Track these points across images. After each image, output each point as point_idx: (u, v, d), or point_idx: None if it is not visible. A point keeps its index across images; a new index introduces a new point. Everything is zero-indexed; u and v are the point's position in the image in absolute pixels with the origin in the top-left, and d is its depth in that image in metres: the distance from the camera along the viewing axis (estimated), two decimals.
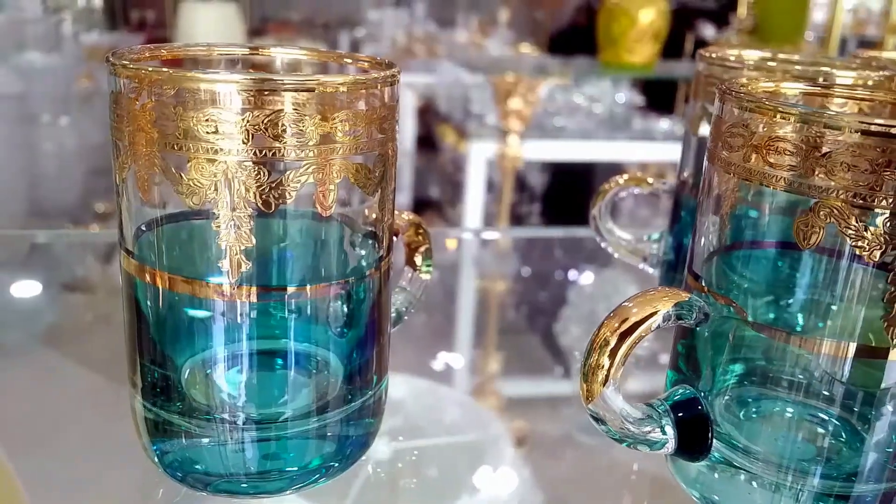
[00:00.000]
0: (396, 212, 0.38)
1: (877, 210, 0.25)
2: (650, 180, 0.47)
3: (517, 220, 2.48)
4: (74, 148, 2.29)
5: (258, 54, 0.35)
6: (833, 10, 2.46)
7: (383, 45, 3.05)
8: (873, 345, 0.27)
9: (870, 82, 0.42)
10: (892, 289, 0.26)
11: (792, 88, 0.32)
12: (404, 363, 0.43)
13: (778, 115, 0.27)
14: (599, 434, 0.30)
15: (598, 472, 0.38)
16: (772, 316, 0.30)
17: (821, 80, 0.41)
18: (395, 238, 0.35)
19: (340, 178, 0.27)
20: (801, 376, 0.30)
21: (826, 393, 0.30)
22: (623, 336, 0.28)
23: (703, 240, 0.31)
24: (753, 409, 0.32)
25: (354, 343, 0.32)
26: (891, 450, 0.31)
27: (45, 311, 0.51)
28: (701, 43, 3.06)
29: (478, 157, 2.17)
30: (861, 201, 0.25)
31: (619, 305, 0.29)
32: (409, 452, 0.37)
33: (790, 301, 0.30)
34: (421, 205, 2.61)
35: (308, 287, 0.30)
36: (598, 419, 0.29)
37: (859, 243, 0.26)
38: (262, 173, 0.26)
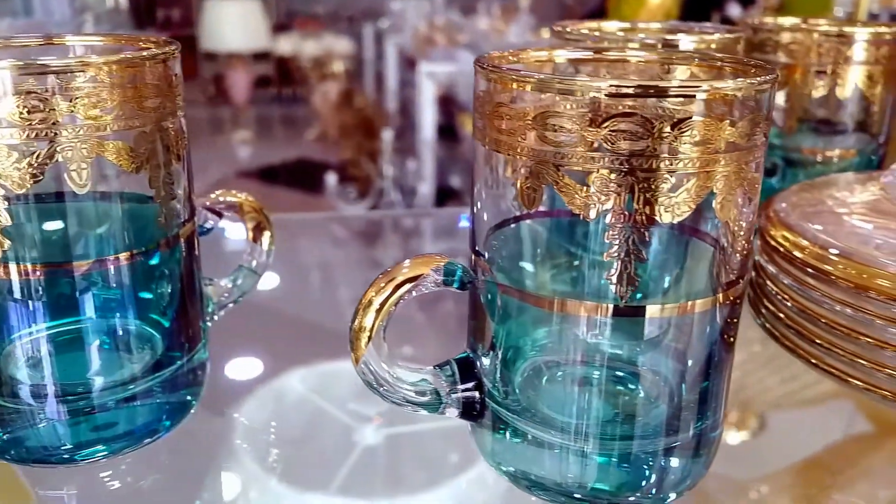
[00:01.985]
0: (232, 192, 0.39)
1: (575, 168, 0.26)
2: None
3: None
4: None
5: (52, 43, 0.36)
6: None
7: (406, 34, 3.06)
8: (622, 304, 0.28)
9: (713, 45, 0.41)
10: (610, 247, 0.26)
11: (565, 56, 0.32)
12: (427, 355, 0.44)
13: (515, 84, 0.27)
14: None
15: None
16: (529, 282, 0.31)
17: (659, 46, 0.41)
18: (209, 214, 0.36)
19: (92, 156, 0.29)
20: (568, 341, 0.30)
21: (595, 354, 0.30)
22: (384, 300, 0.29)
23: (475, 214, 0.31)
24: (533, 374, 0.32)
25: (159, 312, 0.34)
26: (661, 404, 0.32)
27: None
28: (727, 23, 3.01)
29: None
30: (562, 161, 0.26)
31: (383, 271, 0.30)
32: (397, 438, 0.38)
33: (549, 267, 0.31)
34: (443, 194, 2.62)
35: (93, 261, 0.31)
36: (368, 383, 0.30)
37: (575, 202, 0.26)
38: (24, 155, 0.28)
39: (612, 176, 0.26)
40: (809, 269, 0.37)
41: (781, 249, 0.38)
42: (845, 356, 0.36)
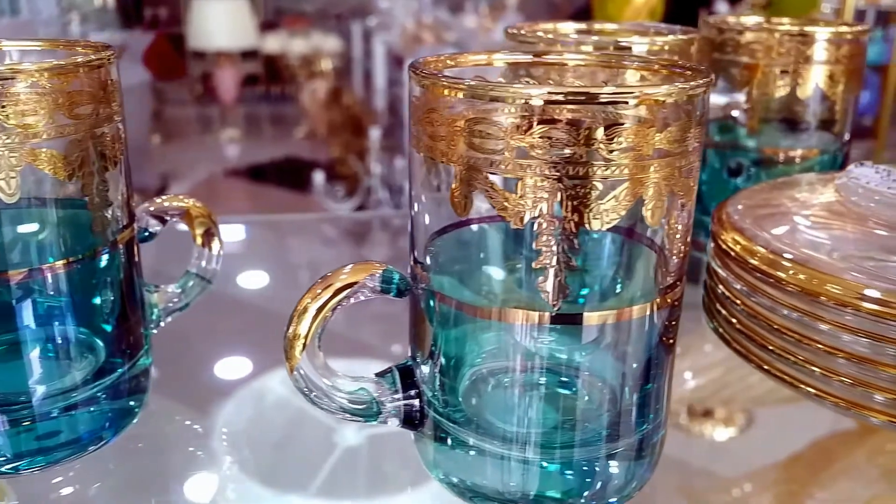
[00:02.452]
0: (180, 197, 0.38)
1: (505, 175, 0.25)
2: None
3: None
4: None
5: None
6: None
7: (394, 32, 3.06)
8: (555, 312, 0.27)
9: (666, 47, 0.41)
10: (540, 254, 0.26)
11: (503, 60, 0.32)
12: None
13: (446, 91, 0.26)
14: None
15: None
16: (466, 291, 0.30)
17: (611, 47, 0.40)
18: (151, 220, 0.36)
19: (22, 164, 0.28)
20: (507, 349, 0.30)
21: (535, 362, 0.30)
22: (319, 307, 0.29)
23: (413, 221, 0.31)
24: (473, 383, 0.32)
25: (99, 319, 0.33)
26: (603, 408, 0.31)
27: None
28: None
29: None
30: (491, 167, 0.26)
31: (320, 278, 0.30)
32: (379, 438, 0.38)
33: (486, 275, 0.30)
34: None
35: (28, 269, 0.31)
36: (302, 392, 0.30)
37: (504, 210, 0.26)
38: None
39: (541, 183, 0.25)
40: (760, 274, 0.36)
41: (732, 253, 0.38)
42: (797, 362, 0.36)
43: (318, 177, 2.51)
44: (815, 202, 0.42)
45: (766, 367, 0.37)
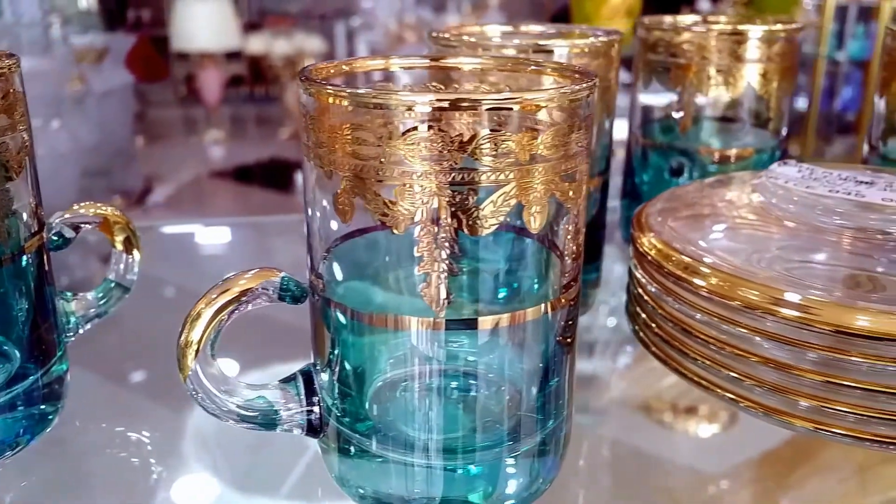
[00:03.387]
0: (98, 204, 0.39)
1: (385, 183, 0.26)
2: None
3: None
4: (67, 150, 2.33)
5: None
6: None
7: (377, 32, 3.06)
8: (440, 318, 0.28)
9: (585, 49, 0.41)
10: (421, 260, 0.26)
11: (398, 65, 0.32)
12: None
13: (331, 98, 0.27)
14: None
15: None
16: (360, 299, 0.30)
17: (530, 51, 0.40)
18: (64, 228, 0.36)
19: None
20: (403, 356, 0.30)
21: (431, 368, 0.30)
22: (213, 314, 0.29)
23: (308, 229, 0.31)
24: (371, 390, 0.32)
25: (9, 326, 0.34)
26: (503, 410, 0.31)
27: None
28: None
29: None
30: (374, 175, 0.26)
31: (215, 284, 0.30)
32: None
33: (379, 282, 0.30)
34: None
35: None
36: (196, 400, 0.30)
37: (385, 217, 0.26)
38: None
39: (421, 189, 0.25)
40: (674, 278, 0.37)
41: (649, 256, 0.38)
42: (712, 366, 0.36)
43: None
44: (735, 203, 0.42)
45: (682, 370, 0.37)
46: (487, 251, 0.29)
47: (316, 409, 0.31)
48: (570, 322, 0.31)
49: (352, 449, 0.31)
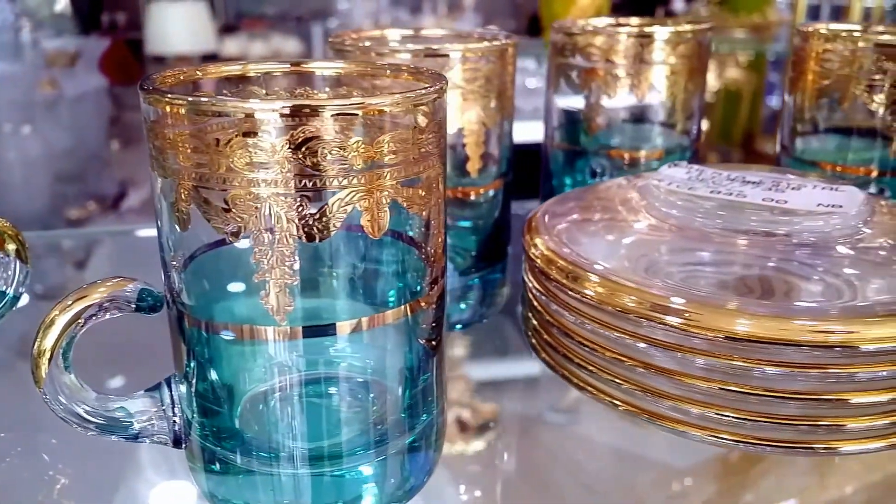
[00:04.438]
0: None
1: (219, 190, 0.26)
2: None
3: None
4: (39, 155, 2.32)
5: None
6: None
7: None
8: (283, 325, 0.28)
9: (479, 54, 0.42)
10: (259, 268, 0.26)
11: (255, 70, 0.32)
12: None
13: (168, 107, 0.26)
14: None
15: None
16: (213, 309, 0.30)
17: (422, 55, 0.41)
18: None
19: None
20: (259, 366, 0.30)
21: (291, 377, 0.30)
22: (68, 321, 0.29)
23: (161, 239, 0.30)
24: (230, 401, 0.32)
25: None
26: (369, 414, 0.32)
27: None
28: (671, 17, 3.02)
29: None
30: (208, 182, 0.26)
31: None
32: None
33: (231, 292, 0.30)
34: None
35: None
36: (52, 410, 0.30)
37: (218, 225, 0.26)
38: None
39: (252, 196, 0.25)
40: (558, 283, 0.36)
41: (535, 262, 0.38)
42: (602, 375, 0.36)
43: None
44: (623, 207, 0.42)
45: (573, 379, 0.37)
46: (342, 256, 0.29)
47: (177, 419, 0.31)
48: (435, 323, 0.31)
49: (216, 463, 0.31)
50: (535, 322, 0.39)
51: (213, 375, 0.30)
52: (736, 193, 0.38)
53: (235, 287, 0.29)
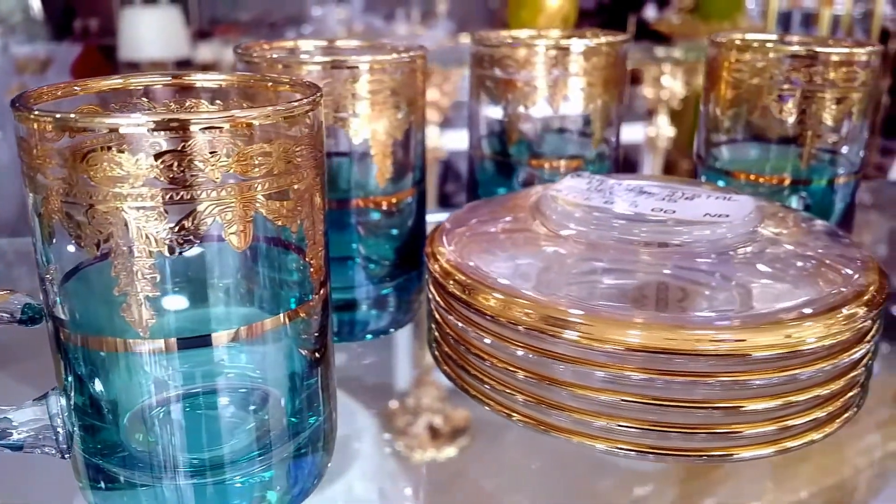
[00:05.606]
0: None
1: (82, 205, 0.26)
2: None
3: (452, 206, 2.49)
4: (10, 162, 2.30)
5: None
6: None
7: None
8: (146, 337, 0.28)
9: (387, 66, 0.42)
10: (118, 281, 0.27)
11: (138, 83, 0.32)
12: None
13: (35, 124, 0.26)
14: None
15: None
16: (86, 323, 0.30)
17: (329, 66, 0.41)
18: None
19: None
20: (136, 379, 0.30)
21: (168, 389, 0.30)
22: None
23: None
24: (111, 414, 0.31)
25: None
26: (253, 423, 0.32)
27: None
28: (643, 25, 3.05)
29: None
30: (69, 197, 0.26)
31: None
32: None
33: (104, 306, 0.30)
34: None
35: None
36: None
37: (80, 238, 0.26)
38: None
39: (109, 210, 0.26)
40: (454, 297, 0.37)
41: (436, 275, 0.38)
42: (495, 387, 0.36)
43: None
44: (523, 218, 0.42)
45: (473, 393, 0.38)
46: (216, 267, 0.30)
47: (60, 430, 0.31)
48: (318, 332, 0.32)
49: (100, 477, 0.31)
50: (436, 333, 0.40)
51: (92, 389, 0.30)
52: (629, 204, 0.38)
53: (106, 301, 0.29)
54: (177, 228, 0.26)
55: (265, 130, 0.27)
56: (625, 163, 2.99)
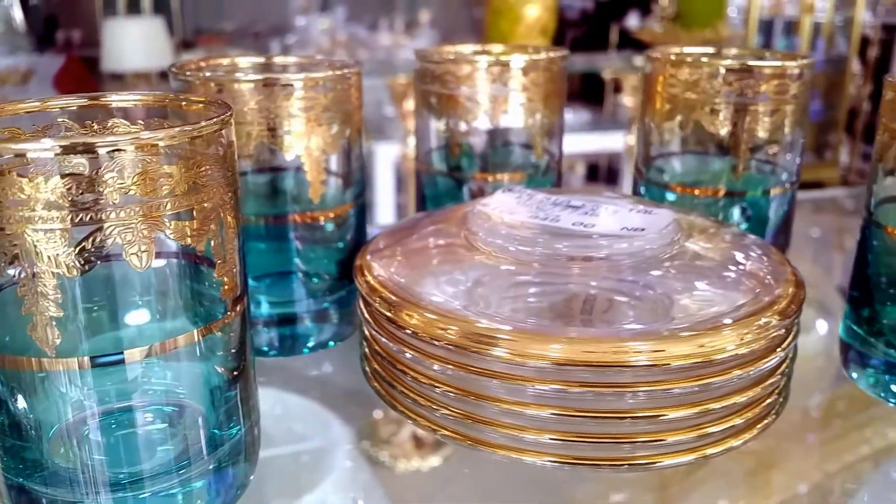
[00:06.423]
0: None
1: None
2: None
3: None
4: None
5: None
6: None
7: (310, 50, 3.06)
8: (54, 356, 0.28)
9: (320, 83, 0.43)
10: (24, 303, 0.27)
11: (58, 105, 0.33)
12: None
13: None
14: None
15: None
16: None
17: (261, 84, 0.42)
18: None
19: None
20: (56, 399, 0.30)
21: (89, 408, 0.31)
22: None
23: None
24: (36, 435, 0.32)
25: None
26: (177, 440, 0.32)
27: None
28: (624, 33, 3.06)
29: (384, 158, 2.24)
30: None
31: None
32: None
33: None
34: None
35: None
36: None
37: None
38: None
39: (13, 233, 0.26)
40: (379, 314, 0.37)
41: (361, 292, 0.39)
42: (428, 404, 0.36)
43: None
44: (452, 234, 0.42)
45: (399, 407, 0.38)
46: (127, 286, 0.30)
47: None
48: (236, 348, 0.32)
49: (22, 499, 0.31)
50: (366, 350, 0.40)
51: (14, 408, 0.31)
52: (551, 218, 0.39)
53: (21, 322, 0.30)
54: (77, 250, 0.27)
55: (174, 150, 0.28)
56: (608, 171, 3.00)
